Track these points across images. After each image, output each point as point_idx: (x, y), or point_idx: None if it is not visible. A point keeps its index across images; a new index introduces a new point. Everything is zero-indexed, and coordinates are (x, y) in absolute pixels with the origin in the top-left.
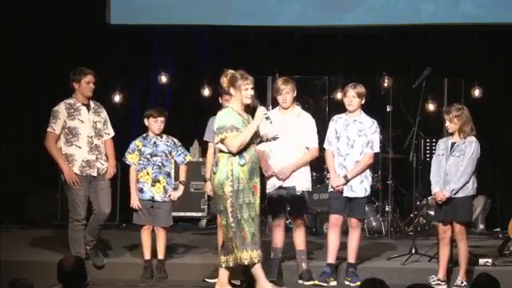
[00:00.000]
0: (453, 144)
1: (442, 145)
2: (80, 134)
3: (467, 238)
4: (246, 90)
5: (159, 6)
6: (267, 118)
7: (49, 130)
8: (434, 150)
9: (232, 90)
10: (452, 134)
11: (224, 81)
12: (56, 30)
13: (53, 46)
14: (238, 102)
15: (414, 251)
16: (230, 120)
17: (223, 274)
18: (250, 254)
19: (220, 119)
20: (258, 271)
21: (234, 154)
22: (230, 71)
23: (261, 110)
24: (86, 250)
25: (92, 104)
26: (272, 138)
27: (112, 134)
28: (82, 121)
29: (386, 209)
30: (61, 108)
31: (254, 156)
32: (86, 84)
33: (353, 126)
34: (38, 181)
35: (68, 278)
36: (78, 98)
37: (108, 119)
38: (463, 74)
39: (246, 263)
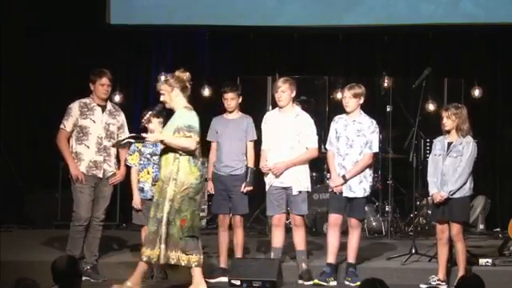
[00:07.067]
0: (449, 144)
1: (439, 144)
2: (90, 134)
3: (465, 238)
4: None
5: (159, 6)
6: None
7: (60, 126)
8: None
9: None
10: (448, 133)
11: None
12: (56, 29)
13: (53, 46)
14: None
15: (414, 251)
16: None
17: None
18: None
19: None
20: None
21: None
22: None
23: None
24: (87, 269)
25: (109, 106)
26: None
27: None
28: (93, 121)
29: (386, 209)
30: (74, 106)
31: None
32: (101, 86)
33: (352, 126)
34: (37, 181)
35: (63, 278)
36: (94, 98)
37: (125, 124)
38: (463, 73)
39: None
